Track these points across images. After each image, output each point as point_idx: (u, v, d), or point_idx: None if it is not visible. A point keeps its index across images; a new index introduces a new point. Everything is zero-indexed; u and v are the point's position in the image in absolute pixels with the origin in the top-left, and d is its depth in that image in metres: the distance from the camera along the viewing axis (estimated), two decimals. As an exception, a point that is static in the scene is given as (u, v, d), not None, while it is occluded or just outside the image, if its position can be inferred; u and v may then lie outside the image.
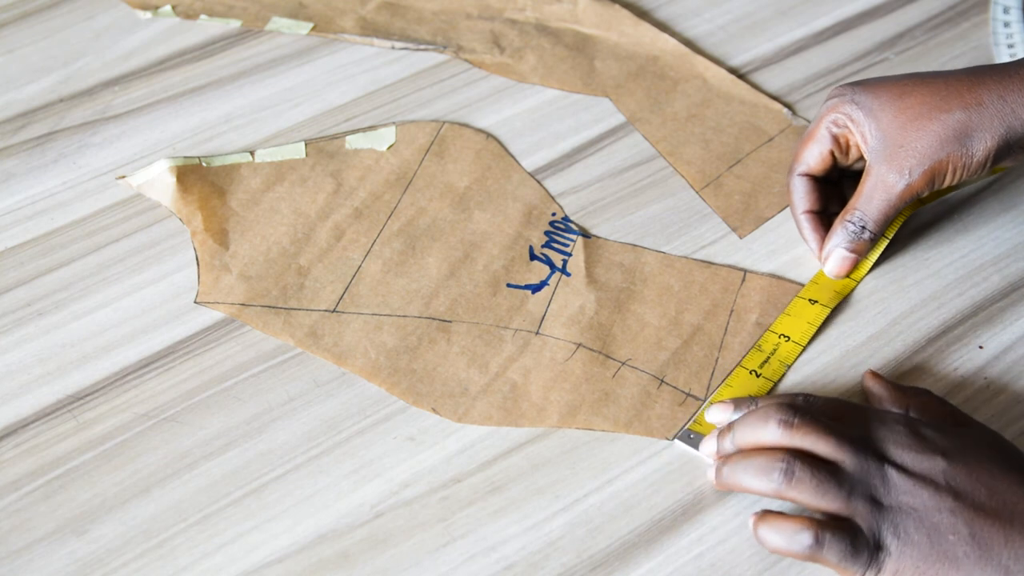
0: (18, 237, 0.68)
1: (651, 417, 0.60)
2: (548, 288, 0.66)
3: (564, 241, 0.68)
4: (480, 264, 0.67)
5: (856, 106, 0.63)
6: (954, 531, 0.51)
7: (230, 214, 0.68)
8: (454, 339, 0.63)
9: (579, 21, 0.81)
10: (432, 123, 0.74)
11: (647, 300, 0.65)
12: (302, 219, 0.68)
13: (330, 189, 0.70)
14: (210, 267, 0.66)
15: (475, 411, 0.60)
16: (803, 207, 0.66)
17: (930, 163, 0.61)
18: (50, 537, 0.55)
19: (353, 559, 0.55)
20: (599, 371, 0.62)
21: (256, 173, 0.70)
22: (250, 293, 0.64)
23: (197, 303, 0.64)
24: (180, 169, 0.69)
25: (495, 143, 0.73)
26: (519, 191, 0.70)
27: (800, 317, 0.64)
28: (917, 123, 0.62)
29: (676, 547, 0.56)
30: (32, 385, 0.61)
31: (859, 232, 0.64)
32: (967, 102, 0.61)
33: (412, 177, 0.70)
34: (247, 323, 0.63)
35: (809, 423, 0.54)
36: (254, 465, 0.58)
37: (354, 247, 0.67)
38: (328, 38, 0.79)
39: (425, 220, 0.69)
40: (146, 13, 0.80)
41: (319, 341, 0.63)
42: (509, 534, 0.56)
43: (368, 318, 0.64)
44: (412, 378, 0.62)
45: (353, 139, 0.73)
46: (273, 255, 0.66)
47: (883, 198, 0.63)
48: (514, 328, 0.64)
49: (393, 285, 0.65)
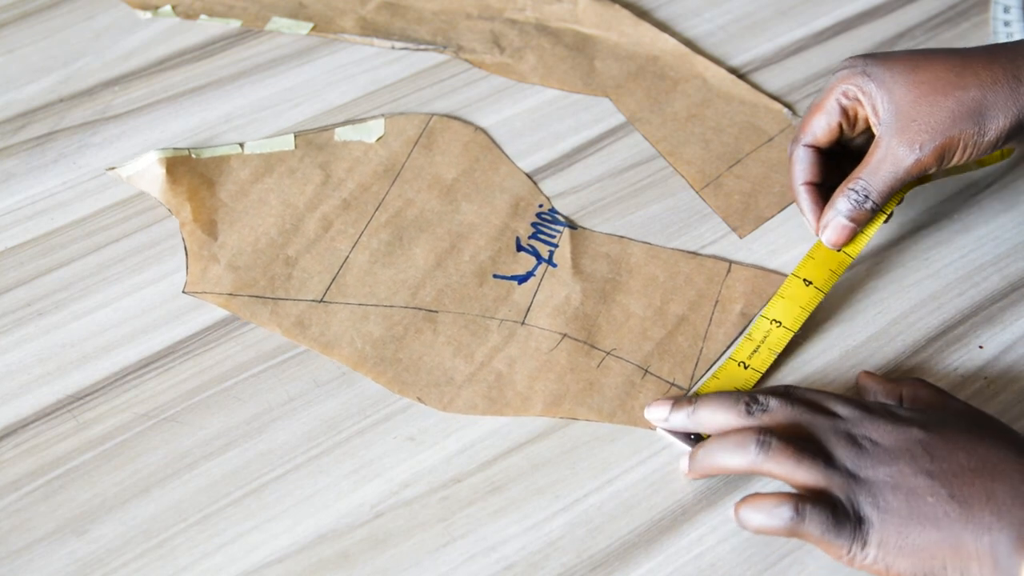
0: (18, 237, 0.68)
1: (635, 407, 0.61)
2: (534, 279, 0.66)
3: (551, 232, 0.68)
4: (467, 255, 0.67)
5: (868, 78, 0.62)
6: (932, 493, 0.51)
7: (219, 205, 0.68)
8: (440, 329, 0.63)
9: (579, 21, 0.81)
10: (421, 115, 0.74)
11: (632, 291, 0.65)
12: (290, 210, 0.68)
13: (318, 180, 0.70)
14: (198, 257, 0.66)
15: (460, 400, 0.61)
16: (804, 178, 0.65)
17: (942, 139, 0.61)
18: (50, 537, 0.55)
19: (353, 559, 0.55)
20: (584, 361, 0.62)
21: (245, 165, 0.70)
22: (238, 283, 0.65)
23: (185, 293, 0.64)
24: (169, 160, 0.69)
25: (483, 135, 0.73)
26: (507, 183, 0.71)
27: (794, 301, 0.63)
28: (931, 98, 0.61)
29: (676, 547, 0.56)
30: (32, 385, 0.61)
31: (861, 201, 0.63)
32: (982, 80, 0.61)
33: (400, 169, 0.71)
34: (235, 312, 0.63)
35: (780, 406, 0.55)
36: (254, 465, 0.58)
37: (342, 238, 0.67)
38: (328, 38, 0.79)
39: (413, 211, 0.69)
40: (146, 13, 0.80)
41: (306, 331, 0.63)
42: (509, 534, 0.56)
43: (355, 308, 0.64)
44: (398, 367, 0.62)
45: (342, 131, 0.73)
46: (261, 246, 0.66)
47: (890, 171, 0.62)
48: (500, 318, 0.64)
49: (380, 275, 0.65)
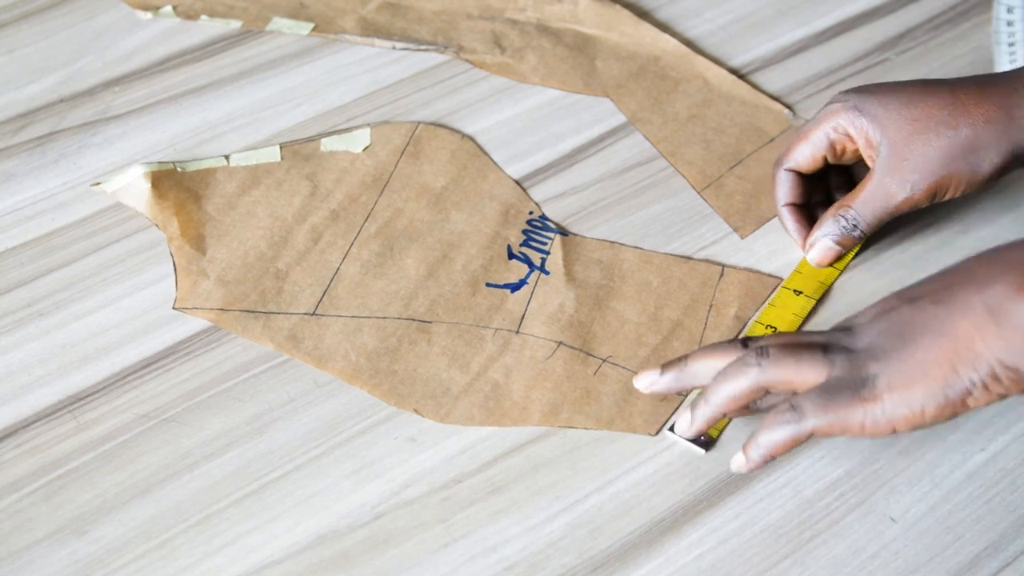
0: (18, 237, 0.68)
1: (633, 414, 0.60)
2: (527, 287, 0.66)
3: (542, 239, 0.68)
4: (458, 264, 0.67)
5: (860, 113, 0.63)
6: (918, 311, 0.52)
7: (206, 219, 0.68)
8: (434, 340, 0.63)
9: (580, 21, 0.81)
10: (407, 124, 0.74)
11: (626, 296, 0.65)
12: (279, 222, 0.68)
13: (306, 192, 0.69)
14: (188, 273, 0.65)
15: (457, 411, 0.60)
16: (786, 200, 0.67)
17: (934, 178, 0.62)
18: (50, 538, 0.55)
19: (353, 560, 0.55)
20: (580, 369, 0.62)
21: (231, 177, 0.70)
22: (228, 298, 0.64)
23: (175, 309, 0.64)
24: (155, 175, 0.68)
25: (470, 143, 0.73)
26: (495, 190, 0.71)
27: (786, 308, 0.64)
28: (924, 136, 0.62)
29: (677, 548, 0.56)
30: (32, 385, 0.61)
31: (850, 229, 0.64)
32: (974, 118, 0.61)
33: (388, 178, 0.70)
34: (226, 328, 0.63)
35: (774, 338, 0.55)
36: (254, 466, 0.58)
37: (332, 250, 0.67)
38: (329, 38, 0.79)
39: (402, 221, 0.68)
40: (146, 13, 0.80)
41: (299, 345, 0.63)
42: (510, 535, 0.56)
43: (348, 320, 0.64)
44: (393, 380, 0.61)
45: (328, 141, 0.73)
46: (251, 259, 0.66)
47: (881, 205, 0.63)
48: (494, 327, 0.64)
49: (372, 287, 0.65)
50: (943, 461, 0.59)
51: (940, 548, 0.56)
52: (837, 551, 0.56)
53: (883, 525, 0.57)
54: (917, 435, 0.60)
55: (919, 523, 0.57)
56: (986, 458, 0.59)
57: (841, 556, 0.56)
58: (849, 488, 0.58)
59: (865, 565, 0.55)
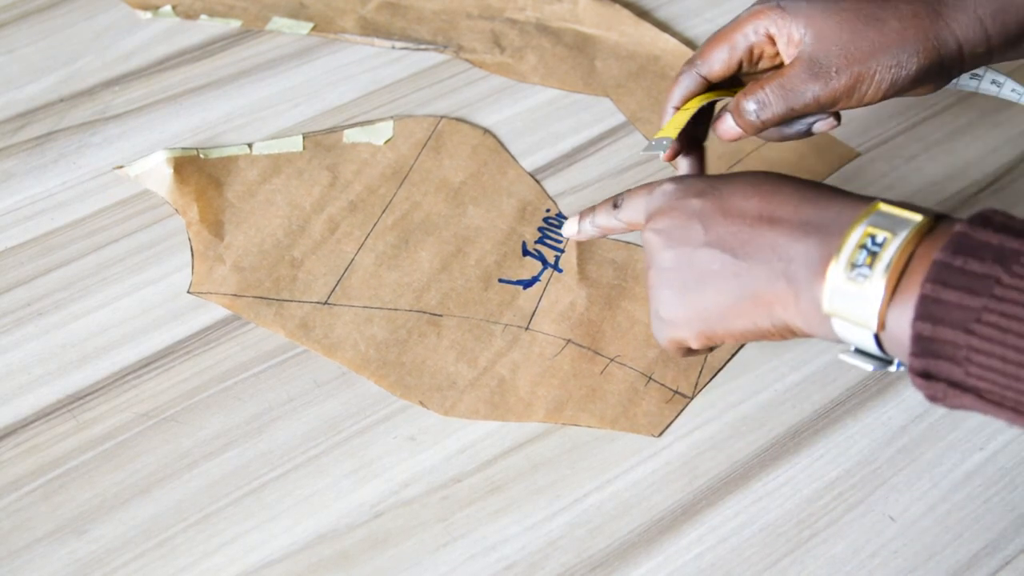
0: (18, 237, 0.68)
1: (637, 414, 0.61)
2: (540, 284, 0.66)
3: (557, 237, 0.68)
4: (472, 259, 0.67)
5: (784, 12, 0.60)
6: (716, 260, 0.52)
7: (226, 205, 0.68)
8: (444, 333, 0.63)
9: (579, 21, 0.81)
10: (430, 118, 0.74)
11: (638, 297, 0.65)
12: (297, 211, 0.68)
13: (326, 182, 0.70)
14: (204, 257, 0.66)
15: (462, 405, 0.61)
16: (678, 103, 0.63)
17: (859, 68, 0.59)
18: (50, 537, 0.55)
19: (353, 559, 0.55)
20: (587, 367, 0.62)
21: (253, 165, 0.70)
22: (243, 284, 0.65)
23: (190, 293, 0.64)
24: (178, 160, 0.69)
25: (492, 139, 0.73)
26: (514, 187, 0.71)
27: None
28: (850, 26, 0.59)
29: (676, 547, 0.56)
30: (32, 385, 0.61)
31: (757, 110, 0.60)
32: (902, 13, 0.59)
33: (408, 171, 0.71)
34: (239, 313, 0.63)
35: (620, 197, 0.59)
36: (254, 465, 0.58)
37: (348, 240, 0.67)
38: (328, 38, 0.79)
39: (419, 214, 0.69)
40: (146, 13, 0.80)
41: (310, 333, 0.63)
42: (509, 534, 0.56)
43: (359, 311, 0.64)
44: (401, 371, 0.62)
45: (351, 133, 0.73)
46: (267, 247, 0.66)
47: (795, 94, 0.60)
48: (504, 323, 0.64)
49: (385, 278, 0.65)
50: (942, 460, 0.59)
51: (939, 547, 0.56)
52: (836, 550, 0.56)
53: (882, 524, 0.57)
54: (916, 435, 0.60)
55: (918, 522, 0.57)
56: (985, 457, 0.59)
57: (840, 555, 0.56)
58: (848, 487, 0.58)
59: (864, 564, 0.55)
